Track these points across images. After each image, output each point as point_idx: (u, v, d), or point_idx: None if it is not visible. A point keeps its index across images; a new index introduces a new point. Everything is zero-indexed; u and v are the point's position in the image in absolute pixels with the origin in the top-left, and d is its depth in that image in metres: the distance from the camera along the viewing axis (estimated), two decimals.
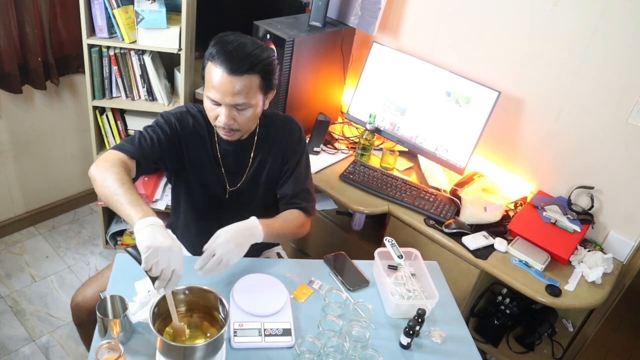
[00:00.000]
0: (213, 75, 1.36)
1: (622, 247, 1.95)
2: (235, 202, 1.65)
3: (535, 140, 2.08)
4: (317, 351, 1.25)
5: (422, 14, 2.26)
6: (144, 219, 1.18)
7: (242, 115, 1.42)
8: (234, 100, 1.37)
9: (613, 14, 1.77)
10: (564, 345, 2.08)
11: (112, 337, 1.21)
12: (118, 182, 1.27)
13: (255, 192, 1.65)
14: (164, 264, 1.15)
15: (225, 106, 1.39)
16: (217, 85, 1.36)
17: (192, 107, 1.59)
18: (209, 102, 1.42)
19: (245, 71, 1.35)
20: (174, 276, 1.17)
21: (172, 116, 1.53)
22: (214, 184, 1.62)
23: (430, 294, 1.48)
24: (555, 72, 1.96)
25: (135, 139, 1.45)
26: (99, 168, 1.32)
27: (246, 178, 1.62)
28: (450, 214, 1.98)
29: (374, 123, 2.22)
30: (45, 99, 2.49)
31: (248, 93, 1.38)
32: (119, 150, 1.41)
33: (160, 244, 1.15)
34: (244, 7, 2.55)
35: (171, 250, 1.16)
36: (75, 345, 2.19)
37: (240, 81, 1.35)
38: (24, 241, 2.67)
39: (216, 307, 1.23)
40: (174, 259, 1.16)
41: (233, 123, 1.42)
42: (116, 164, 1.33)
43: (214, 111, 1.42)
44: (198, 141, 1.56)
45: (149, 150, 1.45)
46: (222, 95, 1.37)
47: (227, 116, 1.40)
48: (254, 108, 1.43)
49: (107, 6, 2.09)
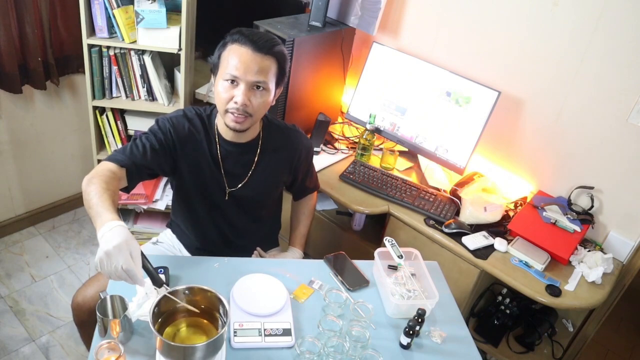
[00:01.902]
0: (236, 53, 1.42)
1: (622, 247, 1.95)
2: (235, 203, 1.65)
3: (535, 141, 2.08)
4: (317, 351, 1.25)
5: (422, 14, 2.26)
6: (101, 229, 1.18)
7: (257, 98, 1.45)
8: (255, 78, 1.42)
9: (613, 14, 1.77)
10: (564, 345, 2.08)
11: (112, 337, 1.21)
12: (96, 195, 1.27)
13: (256, 194, 1.65)
14: (111, 269, 1.14)
15: (244, 84, 1.42)
16: (240, 62, 1.41)
17: (189, 110, 1.60)
18: (226, 83, 1.44)
19: (268, 51, 1.43)
20: (126, 272, 1.15)
21: (167, 121, 1.55)
22: (213, 186, 1.62)
23: (430, 294, 1.48)
24: (555, 72, 1.96)
25: (127, 147, 1.48)
26: (87, 181, 1.33)
27: (248, 180, 1.62)
28: (450, 214, 1.98)
29: (374, 123, 2.22)
30: (45, 99, 2.49)
31: (267, 74, 1.44)
32: (109, 160, 1.44)
33: (100, 256, 1.14)
34: (244, 7, 2.56)
35: (108, 255, 1.14)
36: (75, 345, 2.19)
37: (263, 60, 1.42)
38: (24, 241, 2.67)
39: (216, 307, 1.23)
40: (115, 261, 1.14)
41: (248, 104, 1.44)
42: (100, 175, 1.34)
43: (228, 92, 1.44)
44: (195, 144, 1.57)
45: (140, 158, 1.47)
46: (245, 72, 1.41)
47: (244, 94, 1.42)
48: (268, 93, 1.48)
49: (107, 6, 2.09)
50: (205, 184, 1.61)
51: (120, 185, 1.42)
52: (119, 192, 1.41)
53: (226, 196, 1.64)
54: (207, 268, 1.50)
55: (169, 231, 1.84)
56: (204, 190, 1.62)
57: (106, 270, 1.15)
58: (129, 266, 1.14)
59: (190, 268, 1.49)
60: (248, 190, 1.64)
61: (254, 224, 1.74)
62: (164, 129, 1.53)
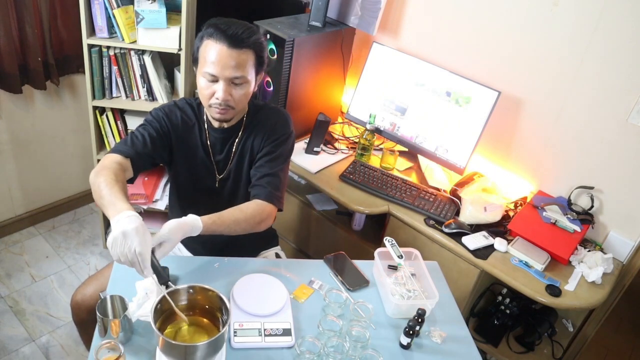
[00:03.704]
0: (212, 51, 1.41)
1: (622, 247, 1.95)
2: (225, 190, 1.68)
3: (535, 140, 2.08)
4: (317, 351, 1.25)
5: (422, 14, 2.26)
6: (116, 216, 1.21)
7: (238, 91, 1.47)
8: (232, 73, 1.43)
9: (613, 14, 1.77)
10: (564, 345, 2.08)
11: (112, 337, 1.21)
12: (107, 185, 1.32)
13: (240, 178, 1.66)
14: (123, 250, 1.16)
15: (223, 80, 1.43)
16: (217, 59, 1.41)
17: (180, 101, 1.64)
18: (205, 80, 1.45)
19: (243, 45, 1.42)
20: (139, 255, 1.16)
21: (160, 111, 1.60)
22: (204, 173, 1.65)
23: (430, 294, 1.48)
24: (555, 72, 1.96)
25: (128, 139, 1.53)
26: (95, 174, 1.37)
27: (231, 165, 1.65)
28: (450, 214, 1.98)
29: (374, 123, 2.22)
30: (45, 99, 2.49)
31: (245, 67, 1.44)
32: (113, 152, 1.48)
33: (115, 235, 1.17)
34: (244, 7, 2.55)
35: (125, 235, 1.16)
36: (75, 345, 2.19)
37: (239, 55, 1.42)
38: (24, 241, 2.67)
39: (218, 307, 1.23)
40: (130, 242, 1.16)
41: (230, 99, 1.46)
42: (109, 167, 1.39)
43: (210, 88, 1.46)
44: (187, 132, 1.61)
45: (141, 147, 1.51)
46: (222, 69, 1.42)
47: (224, 91, 1.44)
48: (249, 84, 1.48)
49: (107, 6, 2.09)
50: (198, 171, 1.64)
51: (127, 176, 1.47)
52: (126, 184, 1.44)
53: (216, 183, 1.66)
54: (207, 268, 1.50)
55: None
56: (197, 178, 1.65)
57: (118, 250, 1.17)
58: (142, 249, 1.16)
59: (190, 268, 1.49)
60: (233, 175, 1.65)
61: None
62: (157, 118, 1.58)
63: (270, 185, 1.55)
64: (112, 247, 1.17)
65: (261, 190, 1.54)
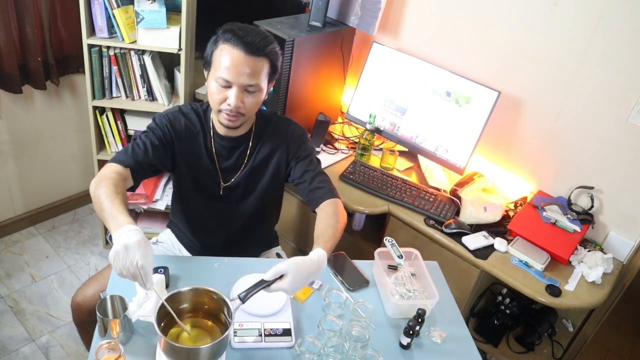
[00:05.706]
0: (228, 56, 1.39)
1: (622, 247, 1.95)
2: (230, 198, 1.66)
3: (535, 140, 2.08)
4: (317, 351, 1.25)
5: (422, 14, 2.26)
6: (118, 230, 1.20)
7: (250, 99, 1.45)
8: (247, 81, 1.41)
9: (613, 14, 1.77)
10: (564, 345, 2.08)
11: (112, 337, 1.21)
12: (108, 198, 1.30)
13: (253, 190, 1.66)
14: (125, 263, 1.15)
15: (237, 87, 1.42)
16: (232, 65, 1.39)
17: (185, 106, 1.62)
18: (218, 85, 1.43)
19: (260, 54, 1.41)
20: (141, 268, 1.15)
21: (163, 117, 1.57)
22: (208, 180, 1.63)
23: (430, 294, 1.48)
24: (555, 72, 1.96)
25: (129, 148, 1.51)
26: (95, 185, 1.36)
27: (242, 174, 1.63)
28: (450, 214, 1.98)
29: (374, 123, 2.22)
30: (45, 99, 2.49)
31: (260, 75, 1.43)
32: (113, 161, 1.46)
33: (117, 249, 1.15)
34: (244, 7, 2.55)
35: (127, 248, 1.15)
36: (75, 345, 2.19)
37: (255, 63, 1.41)
38: (24, 241, 2.67)
39: (221, 309, 1.23)
40: (132, 255, 1.15)
41: (241, 106, 1.44)
42: (109, 178, 1.38)
43: (222, 94, 1.44)
44: (191, 139, 1.59)
45: (142, 156, 1.49)
46: (237, 76, 1.40)
47: (237, 97, 1.42)
48: (261, 92, 1.47)
49: (107, 6, 2.09)
50: (201, 178, 1.63)
51: (127, 186, 1.45)
52: (127, 194, 1.43)
53: (221, 191, 1.64)
54: (207, 268, 1.50)
55: (169, 231, 1.84)
56: (200, 184, 1.64)
57: (120, 263, 1.15)
58: (145, 262, 1.15)
59: (190, 268, 1.49)
60: (242, 184, 1.64)
61: (251, 222, 1.73)
62: (161, 125, 1.56)
63: (326, 183, 1.59)
64: (114, 260, 1.16)
65: (323, 191, 1.57)
